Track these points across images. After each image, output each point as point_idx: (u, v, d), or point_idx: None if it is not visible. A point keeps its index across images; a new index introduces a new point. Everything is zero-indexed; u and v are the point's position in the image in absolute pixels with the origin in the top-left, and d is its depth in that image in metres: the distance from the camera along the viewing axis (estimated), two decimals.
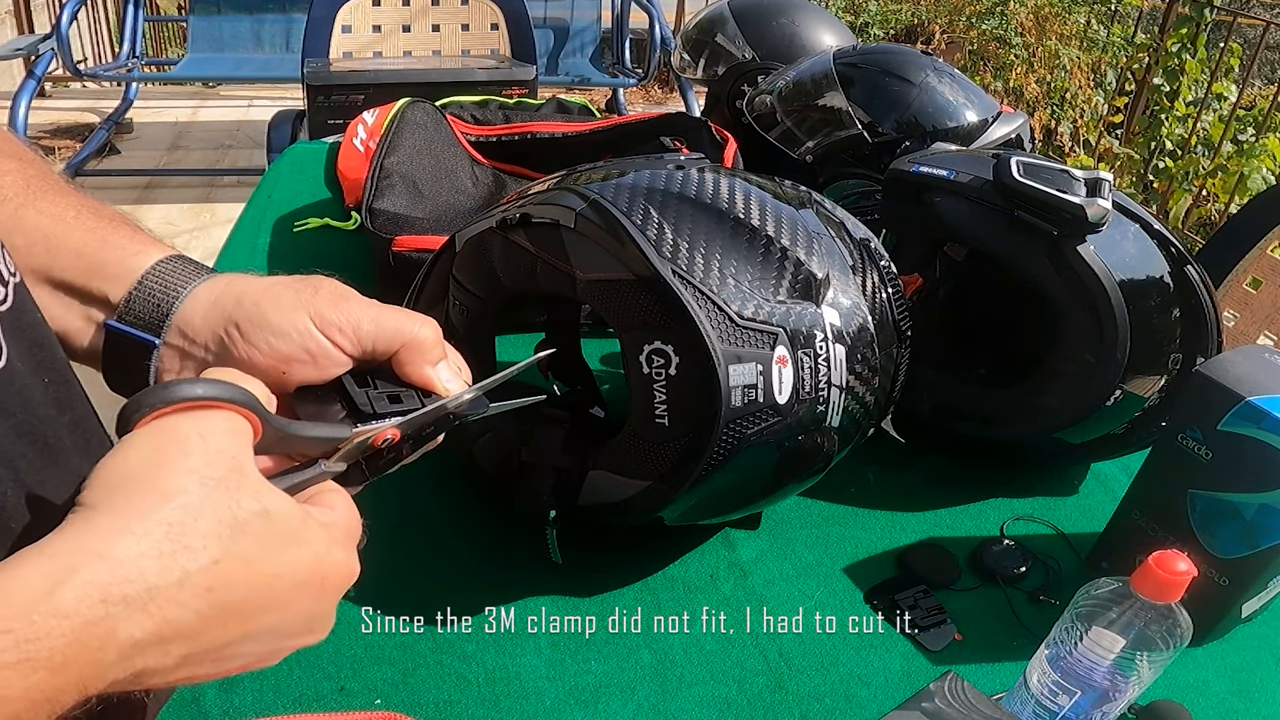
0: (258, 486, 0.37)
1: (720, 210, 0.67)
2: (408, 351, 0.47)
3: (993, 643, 0.73)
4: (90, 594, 0.32)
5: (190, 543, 0.34)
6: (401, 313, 0.48)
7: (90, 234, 0.48)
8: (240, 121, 4.09)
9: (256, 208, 1.38)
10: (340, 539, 0.40)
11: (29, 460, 0.40)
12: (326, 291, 0.47)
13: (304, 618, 0.39)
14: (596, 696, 0.67)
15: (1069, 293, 0.79)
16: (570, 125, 1.39)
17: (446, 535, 0.80)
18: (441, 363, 0.48)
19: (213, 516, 0.35)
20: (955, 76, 1.20)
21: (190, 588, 0.34)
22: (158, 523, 0.34)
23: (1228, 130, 3.21)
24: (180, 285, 0.47)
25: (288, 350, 0.45)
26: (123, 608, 0.32)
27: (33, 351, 0.43)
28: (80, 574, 0.32)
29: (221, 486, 0.35)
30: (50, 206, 0.48)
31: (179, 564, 0.34)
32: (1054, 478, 0.92)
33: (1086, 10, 4.24)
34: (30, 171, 0.50)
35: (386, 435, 0.45)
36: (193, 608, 0.34)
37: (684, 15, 4.68)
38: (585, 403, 0.87)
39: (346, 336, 0.46)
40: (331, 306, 0.46)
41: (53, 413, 0.43)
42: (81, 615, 0.32)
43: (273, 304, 0.46)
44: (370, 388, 0.46)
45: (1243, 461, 0.67)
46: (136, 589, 0.33)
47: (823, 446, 0.68)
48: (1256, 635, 0.76)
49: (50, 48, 3.22)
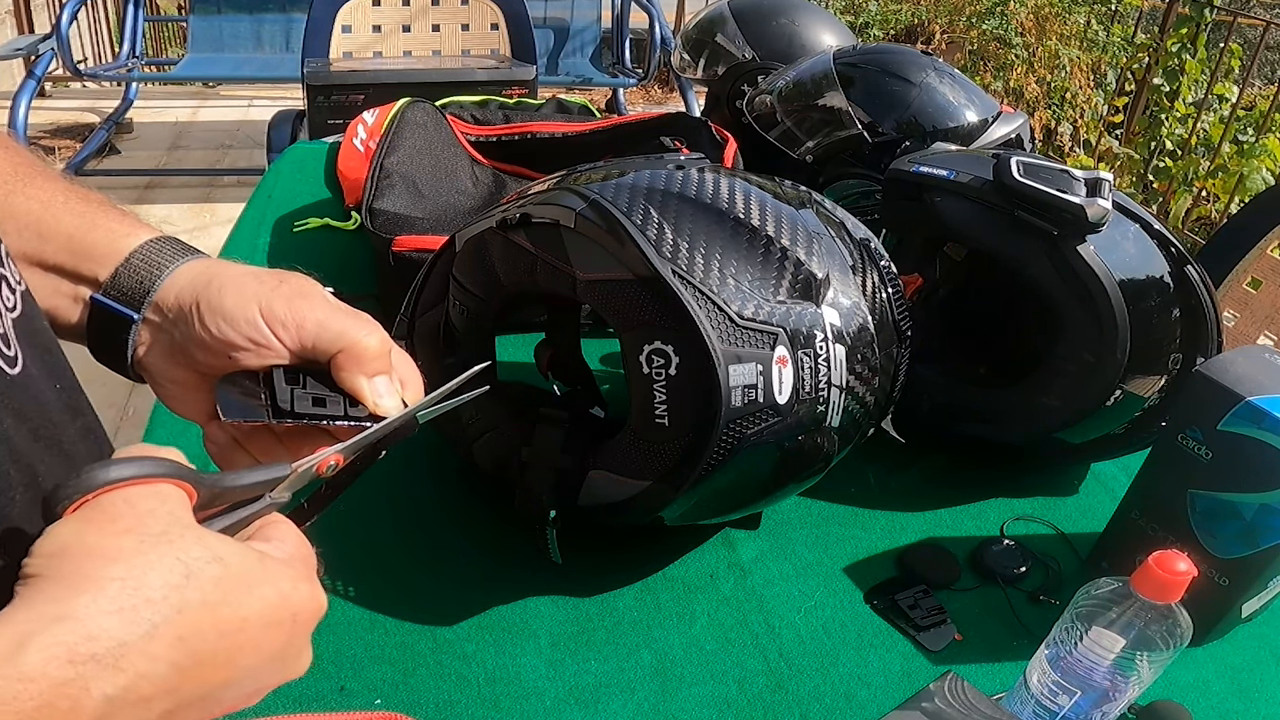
0: (202, 535, 0.36)
1: (720, 210, 0.67)
2: (345, 357, 0.46)
3: (993, 643, 0.73)
4: (56, 654, 0.30)
5: (149, 595, 0.33)
6: (353, 318, 0.47)
7: (80, 218, 0.49)
8: (240, 121, 4.09)
9: (256, 208, 1.38)
10: (303, 572, 0.39)
11: (46, 464, 0.40)
12: (289, 287, 0.47)
13: (279, 657, 0.38)
14: (596, 696, 0.67)
15: (1069, 293, 0.79)
16: (570, 125, 1.39)
17: (446, 535, 0.80)
18: (381, 376, 0.47)
19: (163, 568, 0.33)
20: (955, 76, 1.20)
21: (160, 639, 0.32)
22: (108, 579, 0.32)
23: (1228, 130, 3.21)
24: (165, 264, 0.48)
25: (233, 337, 0.46)
26: (93, 666, 0.31)
27: (43, 357, 0.43)
28: (41, 636, 0.30)
29: (164, 540, 0.34)
30: (39, 192, 0.49)
31: (143, 616, 0.32)
32: (1054, 478, 0.92)
33: (1086, 10, 4.24)
34: (16, 159, 0.51)
35: (330, 462, 0.44)
36: (167, 659, 0.33)
37: (684, 15, 4.68)
38: (585, 403, 0.87)
39: (289, 332, 0.46)
40: (285, 301, 0.46)
41: (66, 418, 0.43)
42: (49, 677, 0.30)
43: (234, 291, 0.46)
44: (299, 385, 0.46)
45: (1243, 461, 0.67)
46: (104, 646, 0.31)
47: (823, 446, 0.68)
48: (1256, 635, 0.76)
49: (50, 48, 3.22)
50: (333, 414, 0.46)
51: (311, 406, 0.46)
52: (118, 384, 2.27)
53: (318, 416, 0.46)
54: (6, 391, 0.39)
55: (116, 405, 2.21)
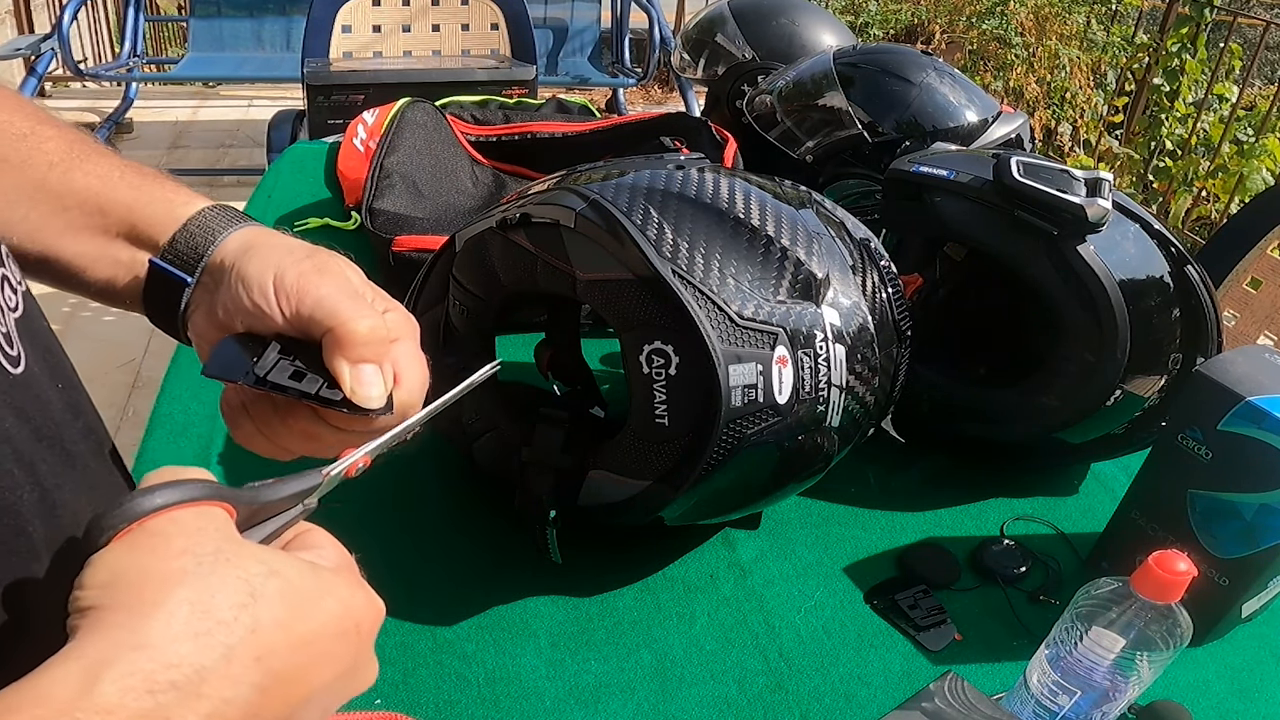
0: (255, 550, 0.35)
1: (720, 210, 0.67)
2: (331, 338, 0.45)
3: (993, 643, 0.73)
4: (133, 685, 0.29)
5: (221, 616, 0.32)
6: (353, 301, 0.46)
7: (137, 190, 0.52)
8: (240, 121, 4.09)
9: (256, 208, 1.38)
10: (354, 580, 0.38)
11: (49, 464, 0.40)
12: (311, 262, 0.47)
13: (350, 670, 0.37)
14: (596, 696, 0.67)
15: (1069, 292, 0.79)
16: (570, 125, 1.39)
17: (446, 535, 0.80)
18: (368, 365, 0.45)
19: (228, 588, 0.33)
20: (955, 76, 1.20)
21: (239, 661, 0.32)
22: (179, 602, 0.31)
23: (1228, 130, 3.21)
24: (219, 230, 0.50)
25: (244, 301, 0.47)
26: (173, 695, 0.30)
27: (45, 357, 0.43)
28: (116, 667, 0.29)
29: (220, 559, 0.33)
30: (95, 168, 0.52)
31: (219, 640, 0.31)
32: (1054, 478, 0.92)
33: (1086, 10, 4.23)
34: (70, 136, 0.53)
35: (359, 465, 0.43)
36: (248, 682, 0.32)
37: (684, 15, 4.67)
38: (585, 403, 0.87)
39: (290, 304, 0.46)
40: (299, 275, 0.46)
41: (68, 417, 0.44)
42: (128, 709, 0.29)
43: (260, 259, 0.47)
44: (288, 358, 0.46)
45: (1243, 461, 0.67)
46: (184, 673, 0.30)
47: (823, 446, 0.68)
48: (1256, 635, 0.76)
49: (51, 47, 3.22)
50: (305, 390, 0.45)
51: (287, 380, 0.45)
52: (118, 384, 2.29)
53: (288, 390, 0.45)
54: (9, 391, 0.39)
55: (116, 405, 2.21)
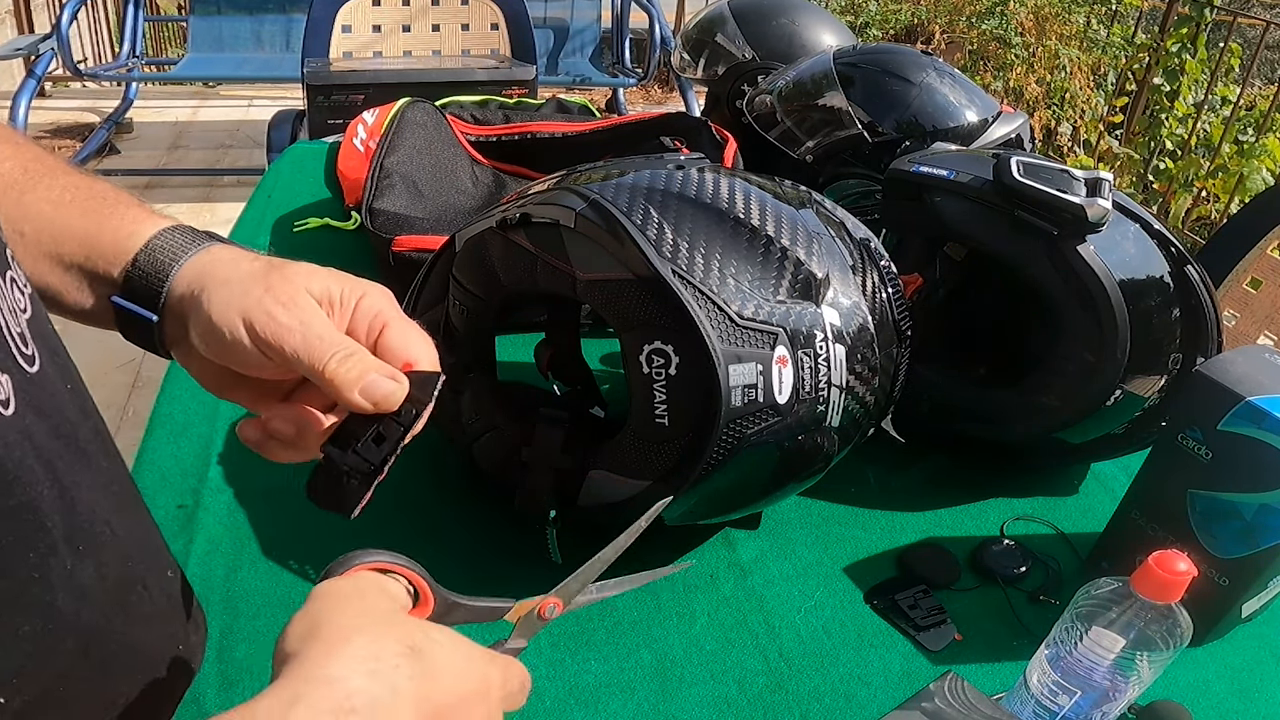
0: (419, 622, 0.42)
1: (720, 210, 0.67)
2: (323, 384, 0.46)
3: (993, 643, 0.73)
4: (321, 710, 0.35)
5: (390, 662, 0.38)
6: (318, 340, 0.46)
7: (88, 218, 0.50)
8: (240, 121, 4.09)
9: (256, 208, 1.38)
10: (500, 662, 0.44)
11: (65, 461, 0.41)
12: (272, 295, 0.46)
13: None
14: (596, 696, 0.67)
15: (1069, 292, 0.79)
16: (570, 125, 1.39)
17: (447, 535, 0.80)
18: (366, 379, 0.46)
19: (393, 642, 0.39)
20: (955, 76, 1.20)
21: (404, 697, 0.37)
22: (358, 647, 0.38)
23: (1228, 131, 3.21)
24: (168, 263, 0.49)
25: (224, 346, 0.47)
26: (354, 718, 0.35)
27: (54, 359, 0.44)
28: (309, 697, 0.35)
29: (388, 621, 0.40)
30: (48, 192, 0.50)
31: (387, 679, 0.37)
32: (1054, 478, 0.92)
33: (1086, 10, 4.23)
34: (26, 155, 0.51)
35: (550, 604, 0.48)
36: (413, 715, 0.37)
37: (684, 15, 4.68)
38: (585, 403, 0.87)
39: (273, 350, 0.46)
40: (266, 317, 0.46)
41: (79, 417, 0.44)
42: None
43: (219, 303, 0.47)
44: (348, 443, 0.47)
45: (1243, 461, 0.67)
46: (362, 701, 0.36)
47: (823, 446, 0.68)
48: (1256, 635, 0.76)
49: (50, 47, 3.22)
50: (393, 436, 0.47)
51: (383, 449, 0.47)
52: (118, 385, 2.28)
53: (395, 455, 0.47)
54: (27, 388, 0.39)
55: (116, 406, 2.21)
